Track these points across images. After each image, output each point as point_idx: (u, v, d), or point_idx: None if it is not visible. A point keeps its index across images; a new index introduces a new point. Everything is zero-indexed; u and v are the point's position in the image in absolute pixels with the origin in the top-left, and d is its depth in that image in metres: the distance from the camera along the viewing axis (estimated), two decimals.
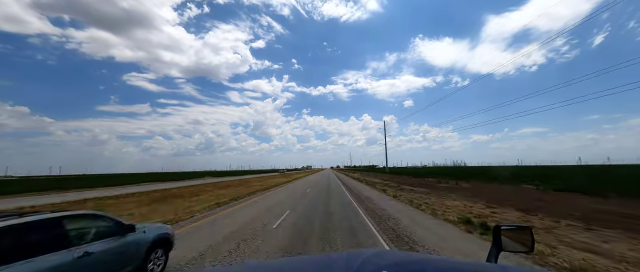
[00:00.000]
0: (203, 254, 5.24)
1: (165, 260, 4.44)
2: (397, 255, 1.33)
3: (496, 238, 1.49)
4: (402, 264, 1.10)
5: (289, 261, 1.46)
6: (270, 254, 5.28)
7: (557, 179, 24.53)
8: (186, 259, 5.01)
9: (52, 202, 15.04)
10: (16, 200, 17.51)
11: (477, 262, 1.25)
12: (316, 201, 12.95)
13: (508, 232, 1.51)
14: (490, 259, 1.42)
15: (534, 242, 1.51)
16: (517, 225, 1.57)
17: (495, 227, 1.51)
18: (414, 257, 1.41)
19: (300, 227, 7.45)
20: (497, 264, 1.30)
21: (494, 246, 1.48)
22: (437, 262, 1.21)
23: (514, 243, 1.50)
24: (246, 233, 6.81)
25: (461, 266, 1.11)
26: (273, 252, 5.35)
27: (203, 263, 4.90)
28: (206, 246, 5.74)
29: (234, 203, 13.04)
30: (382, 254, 1.25)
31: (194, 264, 4.84)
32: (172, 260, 4.71)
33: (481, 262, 1.21)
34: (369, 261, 1.04)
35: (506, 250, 1.48)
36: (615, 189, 14.90)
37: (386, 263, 1.03)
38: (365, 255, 1.11)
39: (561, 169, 54.19)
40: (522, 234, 1.53)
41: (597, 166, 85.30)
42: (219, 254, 5.25)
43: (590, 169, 48.87)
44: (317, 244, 5.94)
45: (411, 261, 1.22)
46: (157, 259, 4.26)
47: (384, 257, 1.15)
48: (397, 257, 1.23)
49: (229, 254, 5.24)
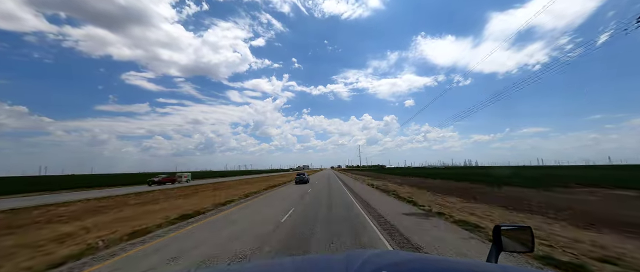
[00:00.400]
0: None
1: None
2: (398, 255, 1.40)
3: (496, 238, 1.48)
4: (402, 264, 1.11)
5: (289, 261, 1.38)
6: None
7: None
8: None
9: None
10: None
11: (477, 262, 1.27)
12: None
13: (508, 232, 1.50)
14: (491, 259, 1.40)
15: (534, 242, 1.53)
16: (517, 225, 1.57)
17: (495, 227, 1.51)
18: (414, 257, 1.39)
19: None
20: (497, 264, 1.29)
21: (494, 246, 1.47)
22: (438, 263, 1.22)
23: (514, 243, 1.49)
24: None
25: (461, 266, 1.12)
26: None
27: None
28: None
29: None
30: (383, 254, 1.29)
31: None
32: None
33: (481, 262, 1.21)
34: (369, 261, 1.04)
35: (506, 250, 1.47)
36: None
37: (386, 263, 1.04)
38: (366, 255, 1.13)
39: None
40: (522, 234, 1.54)
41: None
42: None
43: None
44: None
45: (411, 261, 1.21)
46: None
47: (384, 257, 1.16)
48: (398, 257, 1.26)
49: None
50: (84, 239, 7.68)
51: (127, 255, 6.28)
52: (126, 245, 7.17)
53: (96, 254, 6.38)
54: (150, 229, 8.85)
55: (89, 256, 6.25)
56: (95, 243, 7.12)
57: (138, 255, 6.26)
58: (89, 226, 9.48)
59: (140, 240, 7.64)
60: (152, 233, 8.42)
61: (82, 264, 5.81)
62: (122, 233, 8.07)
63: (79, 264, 5.83)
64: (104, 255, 6.34)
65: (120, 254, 6.34)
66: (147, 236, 8.05)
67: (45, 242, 7.41)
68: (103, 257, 6.16)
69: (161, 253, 6.29)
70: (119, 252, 6.50)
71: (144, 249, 6.69)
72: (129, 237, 7.81)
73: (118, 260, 5.95)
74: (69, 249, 6.66)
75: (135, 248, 6.82)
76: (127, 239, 7.66)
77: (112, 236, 7.79)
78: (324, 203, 14.26)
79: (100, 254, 6.43)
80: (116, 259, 6.00)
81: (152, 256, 6.13)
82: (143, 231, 8.51)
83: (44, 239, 7.77)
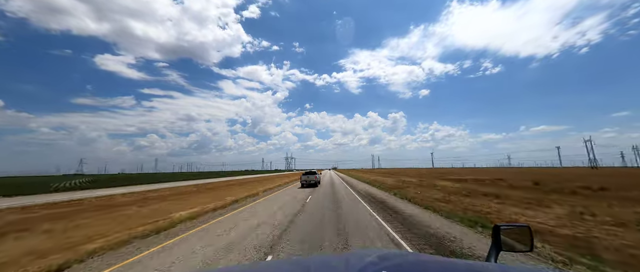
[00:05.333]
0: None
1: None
2: (398, 255, 1.34)
3: (495, 238, 1.51)
4: (402, 265, 1.12)
5: (289, 261, 1.51)
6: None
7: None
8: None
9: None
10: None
11: (477, 262, 1.26)
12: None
13: (507, 231, 1.55)
14: (490, 259, 1.44)
15: (533, 241, 1.56)
16: (516, 224, 1.61)
17: (494, 227, 1.54)
18: (414, 257, 1.43)
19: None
20: (497, 264, 1.32)
21: (493, 246, 1.50)
22: (438, 263, 1.22)
23: (513, 243, 1.54)
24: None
25: (461, 266, 1.12)
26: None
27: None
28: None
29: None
30: (383, 254, 1.24)
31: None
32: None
33: (481, 262, 1.24)
34: (369, 261, 1.06)
35: (506, 250, 1.51)
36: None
37: (387, 263, 1.04)
38: (366, 255, 1.13)
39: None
40: (521, 234, 1.58)
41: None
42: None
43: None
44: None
45: (412, 261, 1.24)
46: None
47: (384, 258, 1.15)
48: (398, 258, 1.24)
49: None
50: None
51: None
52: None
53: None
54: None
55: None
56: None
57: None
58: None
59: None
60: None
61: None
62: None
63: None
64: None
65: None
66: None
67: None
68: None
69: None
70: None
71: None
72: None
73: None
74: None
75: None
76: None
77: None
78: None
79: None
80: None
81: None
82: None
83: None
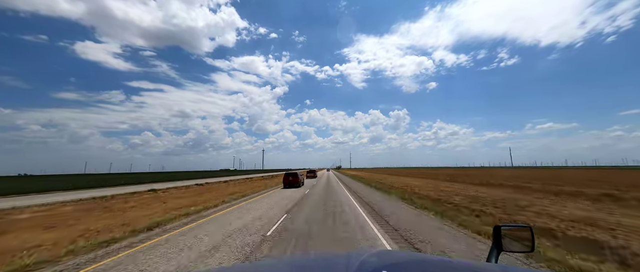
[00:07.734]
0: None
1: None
2: (398, 255, 1.34)
3: (496, 238, 1.50)
4: (402, 264, 1.11)
5: (289, 261, 1.49)
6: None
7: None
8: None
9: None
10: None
11: (477, 262, 1.27)
12: None
13: (508, 232, 1.54)
14: (491, 259, 1.44)
15: (534, 242, 1.55)
16: (517, 225, 1.60)
17: (495, 228, 1.52)
18: (414, 257, 1.42)
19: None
20: (497, 264, 1.33)
21: (494, 246, 1.50)
22: (437, 263, 1.22)
23: (514, 243, 1.53)
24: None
25: (461, 267, 1.13)
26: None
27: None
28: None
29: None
30: (383, 254, 1.25)
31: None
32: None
33: (481, 262, 1.25)
34: (369, 261, 1.05)
35: (506, 250, 1.50)
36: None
37: (386, 263, 1.04)
38: (366, 255, 1.12)
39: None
40: (522, 234, 1.56)
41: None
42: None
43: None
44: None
45: (411, 261, 1.23)
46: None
47: (384, 258, 1.15)
48: (398, 258, 1.24)
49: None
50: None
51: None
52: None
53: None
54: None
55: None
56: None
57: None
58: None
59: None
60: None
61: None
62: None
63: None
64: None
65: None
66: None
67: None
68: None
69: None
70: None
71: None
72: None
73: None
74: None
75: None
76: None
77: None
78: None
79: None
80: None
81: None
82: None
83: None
